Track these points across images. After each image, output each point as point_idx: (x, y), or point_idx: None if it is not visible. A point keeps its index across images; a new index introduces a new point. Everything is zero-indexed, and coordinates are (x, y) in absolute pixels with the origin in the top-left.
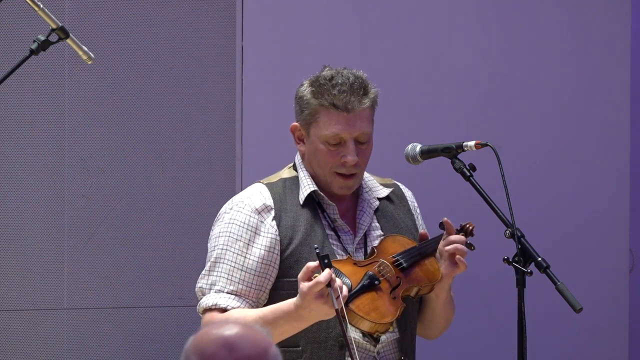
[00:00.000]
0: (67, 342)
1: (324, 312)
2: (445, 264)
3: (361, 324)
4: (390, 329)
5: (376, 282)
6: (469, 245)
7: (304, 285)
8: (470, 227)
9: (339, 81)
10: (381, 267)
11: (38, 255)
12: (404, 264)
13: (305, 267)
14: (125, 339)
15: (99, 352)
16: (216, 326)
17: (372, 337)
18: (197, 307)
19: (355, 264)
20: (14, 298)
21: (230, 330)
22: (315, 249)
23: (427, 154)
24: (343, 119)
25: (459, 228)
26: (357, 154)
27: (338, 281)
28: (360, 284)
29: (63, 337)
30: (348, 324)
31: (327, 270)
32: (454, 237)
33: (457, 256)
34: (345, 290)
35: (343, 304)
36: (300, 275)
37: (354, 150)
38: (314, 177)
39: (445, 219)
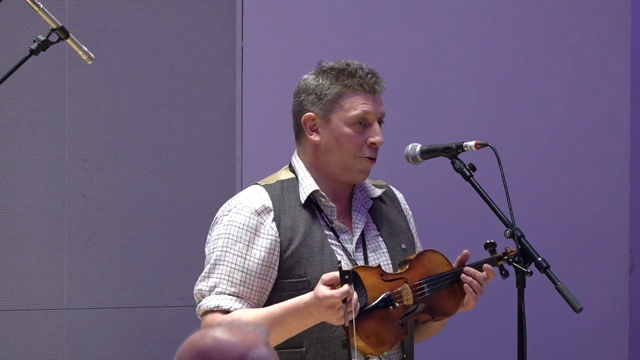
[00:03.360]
0: (67, 342)
1: (331, 321)
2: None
3: (357, 341)
4: (383, 355)
5: (390, 307)
6: (503, 274)
7: (320, 290)
8: (512, 254)
9: (357, 66)
10: (402, 293)
11: (38, 255)
12: (426, 293)
13: (333, 273)
14: (125, 339)
15: (99, 352)
16: (201, 332)
17: (363, 354)
18: (197, 309)
19: (381, 275)
20: (14, 298)
21: (208, 337)
22: (339, 263)
23: (427, 154)
24: (370, 99)
25: (502, 252)
26: None
27: (354, 298)
28: (374, 304)
29: (63, 337)
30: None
31: (345, 287)
32: (473, 270)
33: (469, 288)
34: (357, 308)
35: (352, 320)
36: (324, 276)
37: (380, 131)
38: (322, 173)
39: (466, 251)
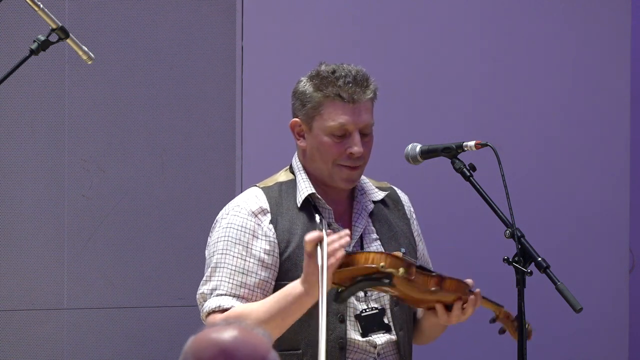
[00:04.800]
0: (67, 342)
1: (311, 271)
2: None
3: (362, 259)
4: (401, 272)
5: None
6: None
7: (305, 239)
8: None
9: (342, 73)
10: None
11: (38, 255)
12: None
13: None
14: (125, 339)
15: (99, 352)
16: (215, 330)
17: (382, 278)
18: (201, 313)
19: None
20: (14, 298)
21: (228, 336)
22: (317, 218)
23: (427, 154)
24: (349, 109)
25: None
26: (361, 145)
27: (334, 243)
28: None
29: (63, 337)
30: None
31: (317, 232)
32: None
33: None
34: (339, 254)
35: (324, 262)
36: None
37: (359, 142)
38: (313, 177)
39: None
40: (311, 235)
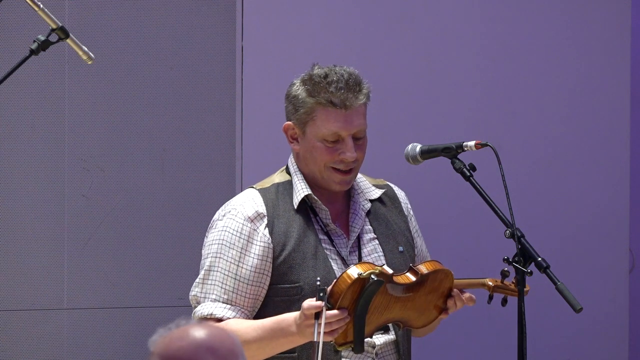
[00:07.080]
0: (67, 342)
1: (306, 333)
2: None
3: (342, 283)
4: (377, 270)
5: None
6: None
7: (306, 301)
8: (511, 287)
9: (334, 78)
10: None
11: (38, 255)
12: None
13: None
14: (125, 339)
15: (99, 352)
16: (180, 337)
17: (371, 283)
18: (192, 315)
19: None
20: (14, 298)
21: (201, 334)
22: (317, 281)
23: (427, 154)
24: (341, 116)
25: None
26: (354, 150)
27: (333, 323)
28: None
29: (63, 337)
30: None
31: (317, 303)
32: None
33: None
34: (335, 334)
35: (321, 338)
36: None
37: (352, 147)
38: (308, 178)
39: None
40: (311, 304)
